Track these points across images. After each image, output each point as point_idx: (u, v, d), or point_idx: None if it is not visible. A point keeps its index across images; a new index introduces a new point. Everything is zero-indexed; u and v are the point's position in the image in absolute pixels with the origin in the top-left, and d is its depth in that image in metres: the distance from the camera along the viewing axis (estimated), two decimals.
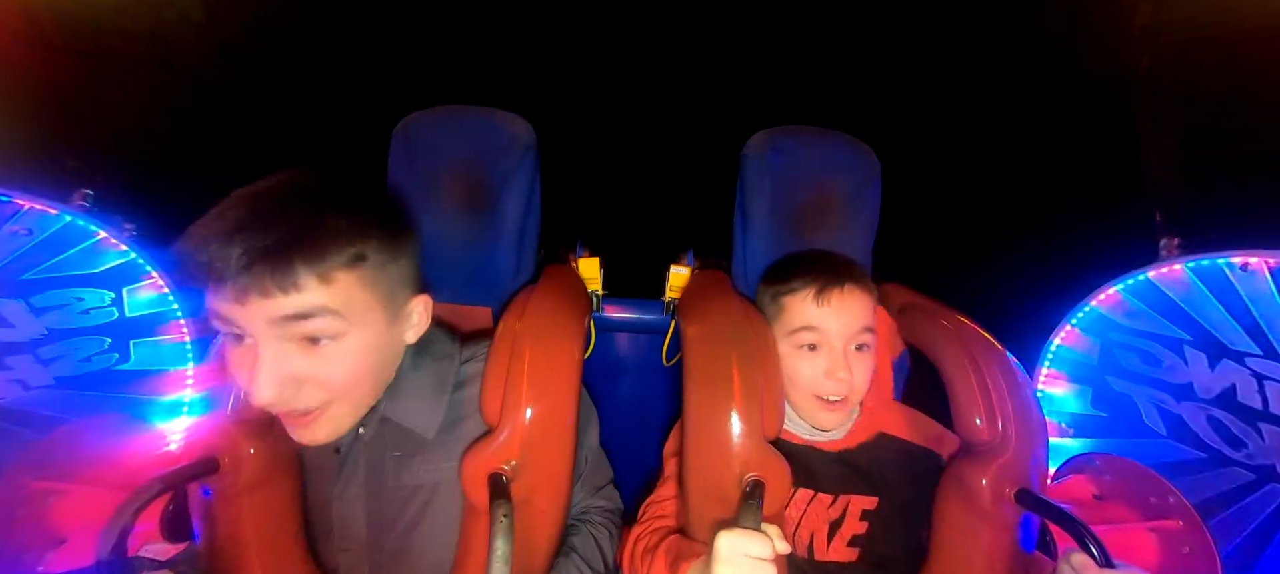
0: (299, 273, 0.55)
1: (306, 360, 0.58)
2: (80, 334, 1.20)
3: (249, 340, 0.57)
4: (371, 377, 0.66)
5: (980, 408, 0.80)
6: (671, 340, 1.21)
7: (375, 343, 0.64)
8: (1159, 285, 1.22)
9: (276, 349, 0.57)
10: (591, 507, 0.87)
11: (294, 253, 0.54)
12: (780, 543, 0.62)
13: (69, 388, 1.20)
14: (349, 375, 0.62)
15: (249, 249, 0.52)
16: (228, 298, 0.54)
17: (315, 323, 0.57)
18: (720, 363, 0.80)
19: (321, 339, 0.58)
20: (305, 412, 0.61)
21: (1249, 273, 1.11)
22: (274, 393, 0.56)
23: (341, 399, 0.63)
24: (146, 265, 1.22)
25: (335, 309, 0.58)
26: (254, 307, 0.54)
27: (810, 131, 1.11)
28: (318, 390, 0.60)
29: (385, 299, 0.64)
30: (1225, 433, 1.15)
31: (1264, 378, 1.10)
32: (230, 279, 0.53)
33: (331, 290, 0.57)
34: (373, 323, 0.63)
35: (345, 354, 0.60)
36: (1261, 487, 1.11)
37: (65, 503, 0.80)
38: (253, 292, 0.53)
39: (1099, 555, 0.65)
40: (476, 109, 1.06)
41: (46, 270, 1.17)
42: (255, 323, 0.55)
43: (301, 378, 0.59)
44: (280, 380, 0.57)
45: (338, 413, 0.64)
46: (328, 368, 0.60)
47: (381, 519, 0.75)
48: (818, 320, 0.84)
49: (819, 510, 0.87)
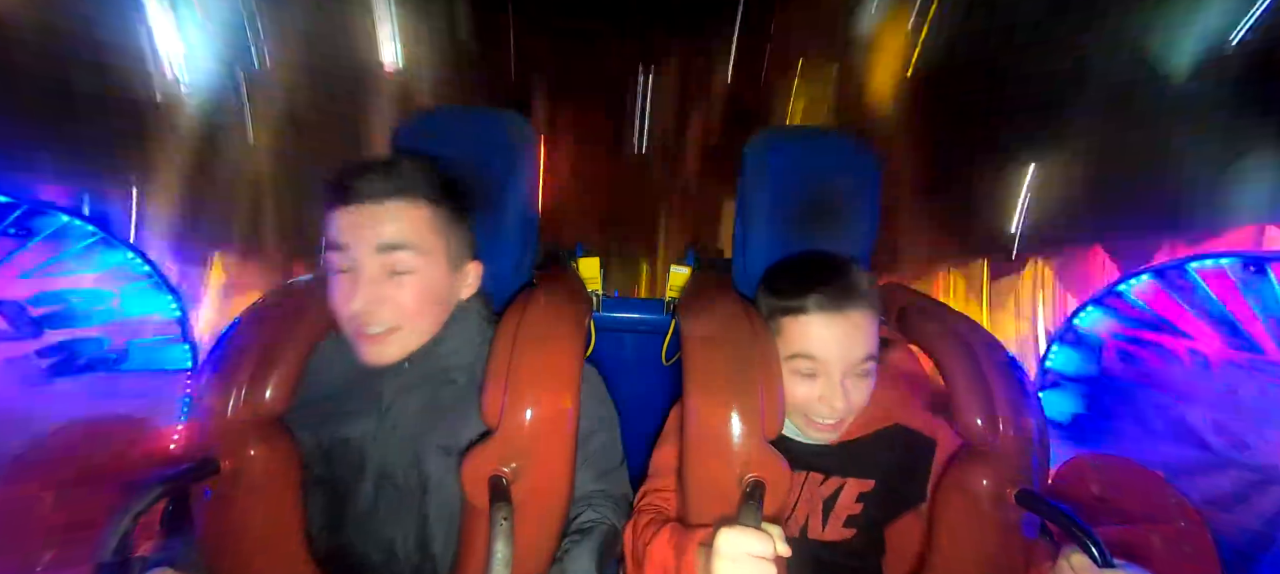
0: (397, 203, 0.77)
1: (392, 288, 0.77)
2: (80, 334, 1.20)
3: (351, 271, 0.76)
4: (431, 310, 0.82)
5: (981, 408, 0.80)
6: (671, 340, 1.21)
7: (438, 283, 0.82)
8: (1161, 285, 1.22)
9: (373, 273, 0.76)
10: (596, 491, 0.87)
11: (397, 193, 0.78)
12: (782, 545, 0.62)
13: (69, 388, 1.20)
14: (415, 304, 0.79)
15: (371, 182, 0.77)
16: (347, 219, 0.76)
17: (401, 256, 0.77)
18: (720, 363, 0.80)
19: (402, 272, 0.77)
20: (380, 332, 0.77)
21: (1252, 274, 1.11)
22: (363, 302, 0.75)
23: (407, 324, 0.79)
24: (145, 265, 1.22)
25: (417, 246, 0.78)
26: (364, 232, 0.75)
27: (810, 130, 1.11)
28: (394, 312, 0.77)
29: (449, 250, 0.83)
30: (1226, 433, 1.15)
31: (1266, 378, 1.10)
32: (355, 197, 0.76)
33: (416, 230, 0.78)
34: (438, 266, 0.81)
35: (417, 286, 0.79)
36: (1263, 488, 1.11)
37: (65, 503, 0.80)
38: (366, 214, 0.76)
39: (1099, 555, 0.65)
40: (476, 108, 1.06)
41: (46, 270, 1.17)
42: (361, 247, 0.76)
43: (383, 298, 0.77)
44: (369, 297, 0.76)
45: (403, 336, 0.79)
46: (402, 294, 0.78)
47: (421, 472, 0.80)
48: (818, 351, 0.81)
49: (811, 490, 0.87)
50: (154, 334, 1.23)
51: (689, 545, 0.69)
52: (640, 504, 0.88)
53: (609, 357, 1.36)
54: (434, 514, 0.81)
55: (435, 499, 0.80)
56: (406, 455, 0.81)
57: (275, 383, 0.76)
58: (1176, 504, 0.86)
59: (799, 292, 0.83)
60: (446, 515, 0.81)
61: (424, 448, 0.81)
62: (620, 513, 0.87)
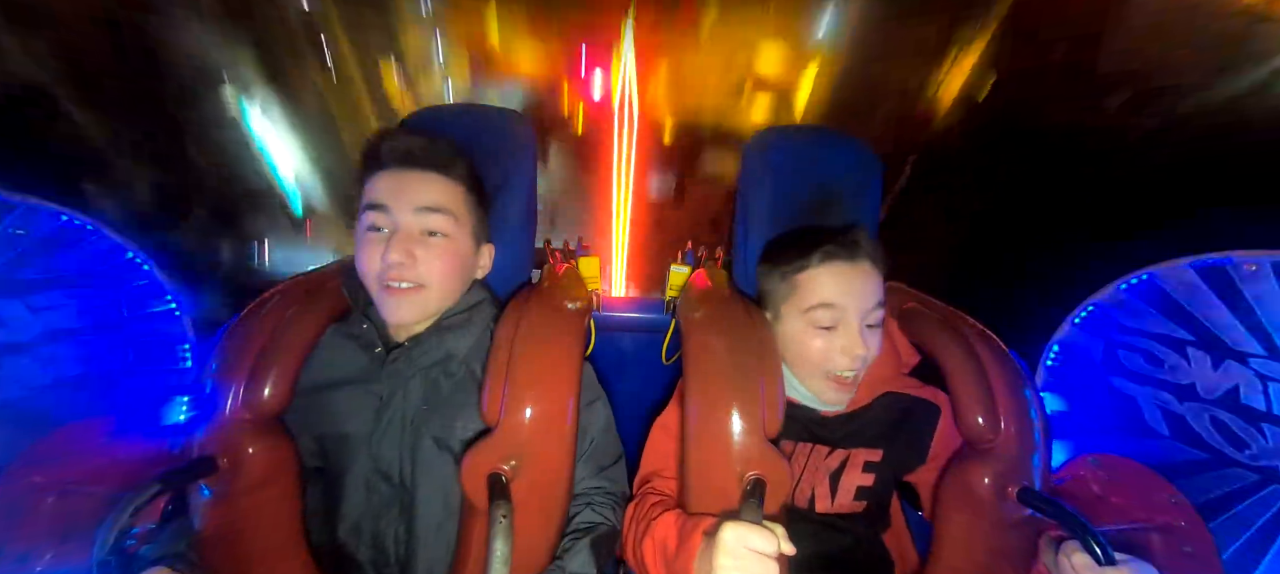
0: (441, 170, 0.84)
1: (424, 245, 0.81)
2: (80, 334, 1.20)
3: (385, 232, 0.80)
4: (454, 277, 0.85)
5: (982, 407, 0.80)
6: (671, 340, 1.21)
7: (463, 254, 0.86)
8: (1162, 285, 1.21)
9: (410, 228, 0.81)
10: (594, 488, 0.87)
11: (442, 159, 0.84)
12: (785, 544, 0.62)
13: (69, 388, 1.19)
14: (444, 266, 0.83)
15: (420, 147, 0.83)
16: (392, 179, 0.81)
17: (438, 218, 0.82)
18: (720, 362, 0.80)
19: (437, 234, 0.82)
20: (408, 287, 0.80)
21: (1253, 273, 1.11)
22: (400, 255, 0.78)
23: (433, 284, 0.82)
24: (146, 265, 1.22)
25: (452, 212, 0.83)
26: (407, 192, 0.81)
27: (811, 130, 1.11)
28: (425, 268, 0.81)
29: (476, 225, 0.88)
30: (1228, 434, 1.15)
31: (1267, 379, 1.10)
32: (406, 158, 0.82)
33: (454, 197, 0.84)
34: (466, 237, 0.86)
35: (447, 251, 0.83)
36: (1264, 488, 1.10)
37: (65, 503, 0.80)
38: (413, 174, 0.82)
39: (1101, 553, 0.65)
40: (475, 107, 1.06)
41: (46, 270, 1.17)
42: (402, 206, 0.80)
43: (417, 255, 0.80)
44: (405, 251, 0.79)
45: (426, 297, 0.82)
46: (433, 254, 0.82)
47: (416, 465, 0.81)
48: (836, 297, 0.82)
49: (818, 462, 0.87)
50: (153, 332, 1.23)
51: (694, 531, 0.69)
52: (642, 490, 0.88)
53: (609, 356, 1.37)
54: (422, 509, 0.80)
55: (423, 492, 0.80)
56: (402, 450, 0.81)
57: (273, 381, 0.76)
58: (1176, 504, 0.86)
59: (810, 247, 0.85)
60: (436, 510, 0.81)
61: (418, 440, 0.81)
62: (620, 511, 0.87)
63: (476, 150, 0.99)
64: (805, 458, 0.88)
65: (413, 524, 0.81)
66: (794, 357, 0.86)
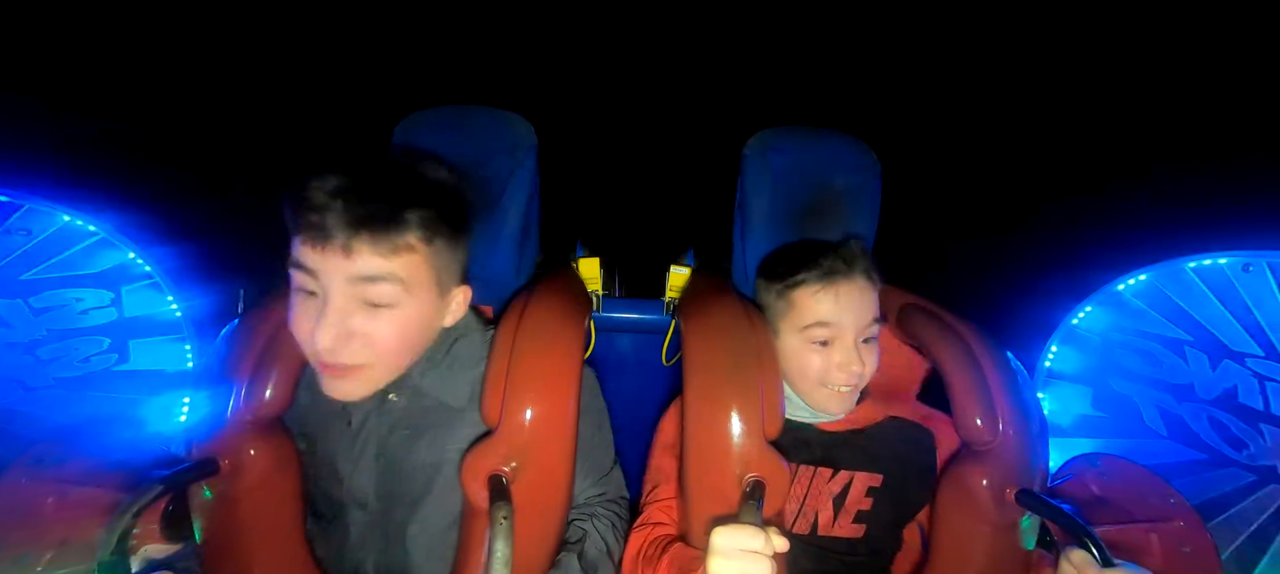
0: (378, 243, 0.64)
1: (364, 320, 0.66)
2: (80, 334, 1.20)
3: (318, 297, 0.65)
4: (410, 348, 0.73)
5: (980, 408, 0.80)
6: (671, 340, 1.21)
7: (421, 318, 0.71)
8: (1160, 285, 1.22)
9: (343, 304, 0.64)
10: (596, 495, 0.87)
11: (379, 226, 0.63)
12: (778, 539, 0.62)
13: (69, 388, 1.20)
14: (394, 341, 0.69)
15: (346, 213, 0.62)
16: (314, 250, 0.63)
17: (381, 288, 0.65)
18: (720, 363, 0.80)
19: (381, 305, 0.66)
20: (347, 366, 0.67)
21: (1250, 273, 1.11)
22: (330, 340, 0.64)
23: (380, 362, 0.70)
24: (146, 265, 1.22)
25: (401, 279, 0.66)
26: (335, 263, 0.63)
27: (810, 131, 1.11)
28: (365, 348, 0.67)
29: (439, 282, 0.71)
30: (1226, 434, 1.15)
31: (1265, 379, 1.10)
32: (323, 234, 0.62)
33: (402, 263, 0.66)
34: (425, 301, 0.70)
35: (396, 322, 0.68)
36: (1263, 488, 1.11)
37: (65, 503, 0.80)
38: (337, 249, 0.62)
39: (1099, 555, 0.65)
40: (477, 108, 1.06)
41: (46, 270, 1.17)
42: (333, 278, 0.64)
43: (355, 333, 0.66)
44: (338, 331, 0.64)
45: (374, 375, 0.70)
46: (379, 330, 0.67)
47: (389, 492, 0.77)
48: (831, 316, 0.83)
49: (821, 485, 0.87)
50: (154, 334, 1.23)
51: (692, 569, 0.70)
52: (641, 520, 0.88)
53: (609, 357, 1.37)
54: (412, 536, 0.77)
55: (411, 517, 0.77)
56: (376, 478, 0.77)
57: (275, 383, 0.76)
58: (1176, 504, 0.86)
59: (806, 263, 0.85)
60: (428, 535, 0.77)
61: (401, 466, 0.77)
62: (620, 520, 0.87)
63: (476, 152, 0.99)
64: (808, 481, 0.87)
65: (399, 553, 0.78)
66: (793, 373, 0.87)
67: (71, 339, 1.20)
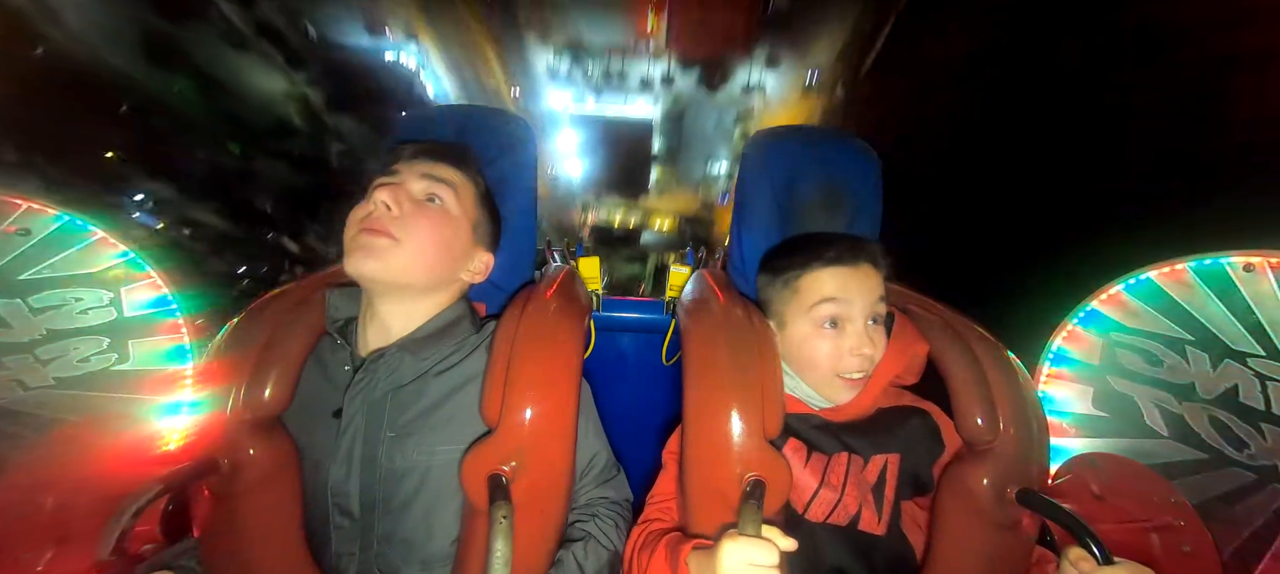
0: (455, 168, 0.85)
1: (417, 205, 0.80)
2: (79, 334, 1.20)
3: (396, 183, 0.80)
4: (433, 251, 0.81)
5: (981, 408, 0.80)
6: (671, 340, 1.21)
7: (454, 234, 0.83)
8: (1161, 285, 1.22)
9: (409, 187, 0.80)
10: (598, 498, 0.87)
11: (457, 162, 0.86)
12: (783, 541, 0.62)
13: (69, 388, 1.19)
14: (428, 231, 0.80)
15: (437, 148, 0.86)
16: (409, 158, 0.83)
17: (443, 187, 0.82)
18: (720, 363, 0.80)
19: (436, 200, 0.82)
20: (385, 231, 0.76)
21: (1252, 273, 1.11)
22: (390, 198, 0.77)
23: (406, 244, 0.77)
24: (145, 265, 1.22)
25: (457, 187, 0.83)
26: (420, 165, 0.82)
27: (811, 129, 1.11)
28: (406, 221, 0.78)
29: (474, 223, 0.87)
30: (1227, 434, 1.15)
31: (1266, 378, 1.10)
32: (419, 157, 0.83)
33: (461, 183, 0.85)
34: (460, 224, 0.84)
35: (436, 217, 0.81)
36: (1263, 488, 1.10)
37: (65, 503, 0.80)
38: (423, 160, 0.83)
39: (1099, 554, 0.65)
40: (476, 107, 1.06)
41: (45, 270, 1.17)
42: (411, 174, 0.81)
43: (406, 207, 0.79)
44: (396, 199, 0.77)
45: (394, 254, 0.77)
46: (422, 215, 0.80)
47: (373, 498, 0.76)
48: (839, 292, 0.82)
49: (856, 475, 0.83)
50: (154, 334, 1.23)
51: (682, 551, 0.70)
52: (642, 518, 0.88)
53: (609, 357, 1.37)
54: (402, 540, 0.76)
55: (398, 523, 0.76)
56: (362, 482, 0.76)
57: (274, 382, 0.76)
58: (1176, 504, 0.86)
59: (811, 249, 0.85)
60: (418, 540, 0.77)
61: (388, 469, 0.76)
62: (623, 522, 0.87)
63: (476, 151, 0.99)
64: (844, 471, 0.83)
65: (389, 558, 0.77)
66: (804, 361, 0.85)
67: (71, 339, 1.20)
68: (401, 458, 0.76)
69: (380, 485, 0.76)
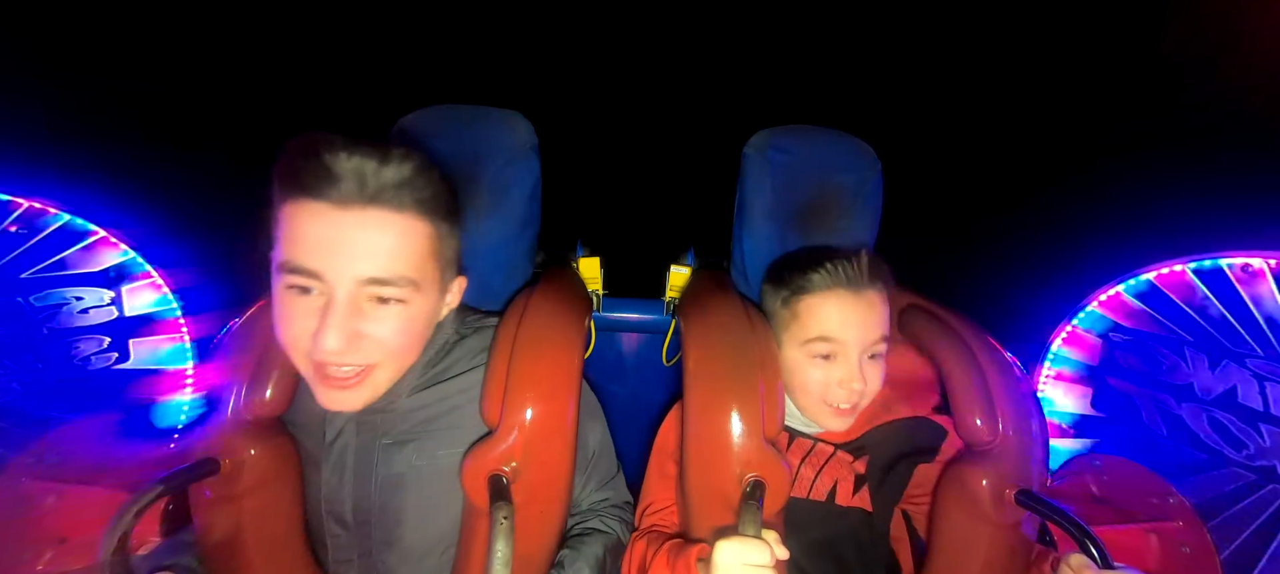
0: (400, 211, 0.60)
1: (374, 321, 0.62)
2: (80, 334, 1.20)
3: (317, 294, 0.59)
4: (412, 349, 0.70)
5: (980, 408, 0.80)
6: (671, 340, 1.21)
7: (426, 313, 0.69)
8: (1160, 286, 1.22)
9: (352, 303, 0.60)
10: (601, 501, 0.87)
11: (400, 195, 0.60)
12: (779, 548, 0.62)
13: (69, 388, 1.19)
14: (400, 340, 0.65)
15: (362, 171, 0.57)
16: (322, 226, 0.57)
17: (393, 288, 0.62)
18: (720, 363, 0.80)
19: (391, 301, 0.63)
20: (352, 372, 0.63)
21: (1250, 274, 1.11)
22: (340, 342, 0.59)
23: (385, 362, 0.66)
24: (145, 265, 1.21)
25: (412, 278, 0.63)
26: (347, 251, 0.58)
27: (811, 130, 1.11)
28: (370, 349, 0.63)
29: (445, 265, 0.69)
30: (1226, 434, 1.15)
31: (1265, 379, 1.10)
32: (334, 197, 0.57)
33: (415, 242, 0.62)
34: (431, 293, 0.68)
35: (402, 319, 0.64)
36: (1262, 488, 1.11)
37: (65, 503, 0.80)
38: (351, 217, 0.57)
39: (1098, 556, 0.65)
40: (476, 108, 1.06)
41: (46, 270, 1.17)
42: (339, 273, 0.58)
43: (364, 333, 0.62)
44: (347, 335, 0.59)
45: (376, 377, 0.66)
46: (383, 328, 0.63)
47: (368, 507, 0.75)
48: (835, 331, 0.80)
49: (844, 460, 0.87)
50: (154, 334, 1.23)
51: (687, 556, 0.70)
52: (641, 525, 0.88)
53: (609, 357, 1.37)
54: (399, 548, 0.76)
55: (396, 533, 0.75)
56: (358, 491, 0.74)
57: (275, 383, 0.76)
58: (1176, 504, 0.86)
59: (815, 271, 0.81)
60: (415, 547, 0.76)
61: (384, 478, 0.75)
62: (625, 524, 0.87)
63: (476, 151, 0.98)
64: (828, 455, 0.87)
65: (388, 562, 0.76)
66: (794, 387, 0.85)
67: (71, 339, 1.20)
68: (401, 463, 0.75)
69: (377, 492, 0.75)
